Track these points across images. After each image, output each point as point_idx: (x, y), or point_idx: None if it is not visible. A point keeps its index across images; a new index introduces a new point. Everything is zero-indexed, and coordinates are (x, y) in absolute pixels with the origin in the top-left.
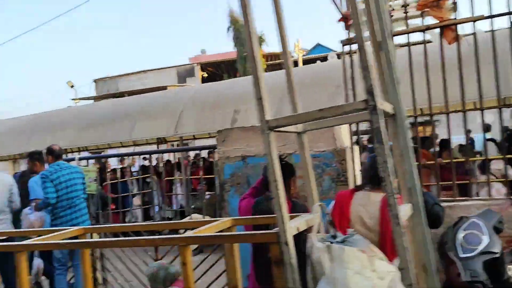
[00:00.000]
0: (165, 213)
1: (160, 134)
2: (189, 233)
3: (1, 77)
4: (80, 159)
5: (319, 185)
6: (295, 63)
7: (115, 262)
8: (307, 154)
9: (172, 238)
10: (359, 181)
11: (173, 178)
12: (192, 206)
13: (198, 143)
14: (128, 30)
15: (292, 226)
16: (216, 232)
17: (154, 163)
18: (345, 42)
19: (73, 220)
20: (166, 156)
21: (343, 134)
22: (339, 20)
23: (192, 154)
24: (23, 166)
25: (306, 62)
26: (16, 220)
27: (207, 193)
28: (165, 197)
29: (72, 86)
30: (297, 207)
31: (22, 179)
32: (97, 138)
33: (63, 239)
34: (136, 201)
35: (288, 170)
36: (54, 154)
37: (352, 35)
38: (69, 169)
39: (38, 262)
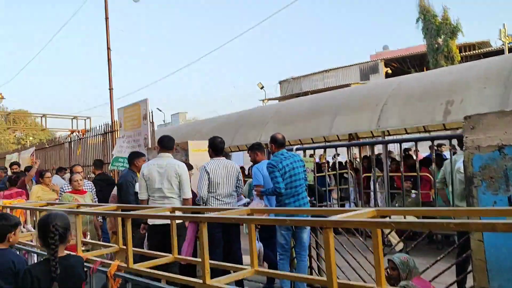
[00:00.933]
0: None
1: (361, 129)
2: (332, 218)
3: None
4: (297, 149)
5: None
6: (501, 53)
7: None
8: None
9: (316, 221)
10: None
11: (370, 174)
12: (396, 204)
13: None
14: (307, 31)
15: None
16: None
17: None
18: None
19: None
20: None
21: None
22: None
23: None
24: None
25: None
26: None
27: (413, 191)
28: (362, 194)
29: (262, 88)
30: None
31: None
32: (299, 132)
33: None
34: (334, 195)
35: None
36: (277, 143)
37: None
38: (292, 158)
39: (259, 246)
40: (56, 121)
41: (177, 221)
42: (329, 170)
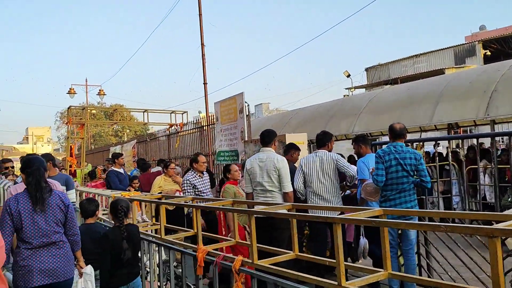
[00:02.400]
0: (468, 205)
1: (467, 117)
2: (500, 225)
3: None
4: (407, 142)
5: None
6: None
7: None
8: None
9: (479, 228)
10: None
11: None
12: (509, 199)
13: (502, 128)
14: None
15: None
16: None
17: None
18: None
19: (402, 204)
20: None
21: None
22: None
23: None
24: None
25: None
26: None
27: None
28: (468, 187)
29: (348, 76)
30: None
31: None
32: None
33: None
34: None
35: None
36: (393, 133)
37: None
38: (404, 154)
39: (364, 242)
40: (154, 115)
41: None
42: (429, 162)
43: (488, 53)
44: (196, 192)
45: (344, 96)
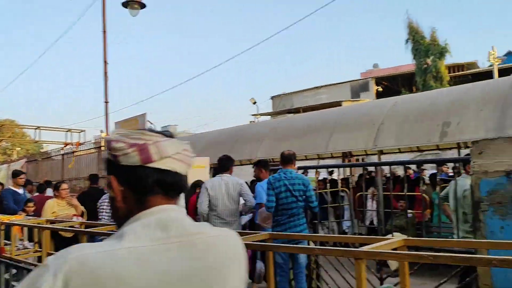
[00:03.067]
0: (357, 229)
1: (358, 147)
2: (364, 248)
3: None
4: (299, 168)
5: None
6: (489, 74)
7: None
8: None
9: (348, 251)
10: None
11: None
12: (393, 224)
13: (386, 158)
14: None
15: None
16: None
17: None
18: None
19: (292, 228)
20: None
21: None
22: None
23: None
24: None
25: (502, 72)
26: None
27: (409, 211)
28: (358, 212)
29: (254, 103)
30: None
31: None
32: (294, 149)
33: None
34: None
35: None
36: (282, 159)
37: None
38: (293, 180)
39: (260, 265)
40: (48, 133)
41: None
42: (324, 188)
43: (380, 89)
44: None
45: (250, 122)
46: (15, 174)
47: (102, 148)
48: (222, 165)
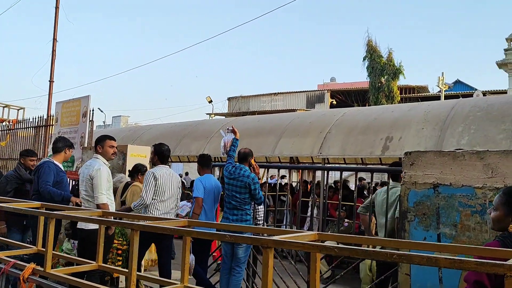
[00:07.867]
0: None
1: (304, 153)
2: (274, 237)
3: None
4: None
5: None
6: (437, 99)
7: None
8: None
9: (256, 239)
10: None
11: (307, 199)
12: (329, 231)
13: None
14: (260, 52)
15: None
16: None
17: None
18: None
19: (236, 221)
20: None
21: None
22: None
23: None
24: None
25: (448, 98)
26: None
27: (346, 220)
28: (297, 218)
29: (210, 102)
30: None
31: None
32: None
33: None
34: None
35: None
36: (239, 156)
37: None
38: (237, 174)
39: (191, 258)
40: None
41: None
42: (269, 191)
43: (334, 102)
44: None
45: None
46: None
47: (41, 128)
48: (166, 156)
